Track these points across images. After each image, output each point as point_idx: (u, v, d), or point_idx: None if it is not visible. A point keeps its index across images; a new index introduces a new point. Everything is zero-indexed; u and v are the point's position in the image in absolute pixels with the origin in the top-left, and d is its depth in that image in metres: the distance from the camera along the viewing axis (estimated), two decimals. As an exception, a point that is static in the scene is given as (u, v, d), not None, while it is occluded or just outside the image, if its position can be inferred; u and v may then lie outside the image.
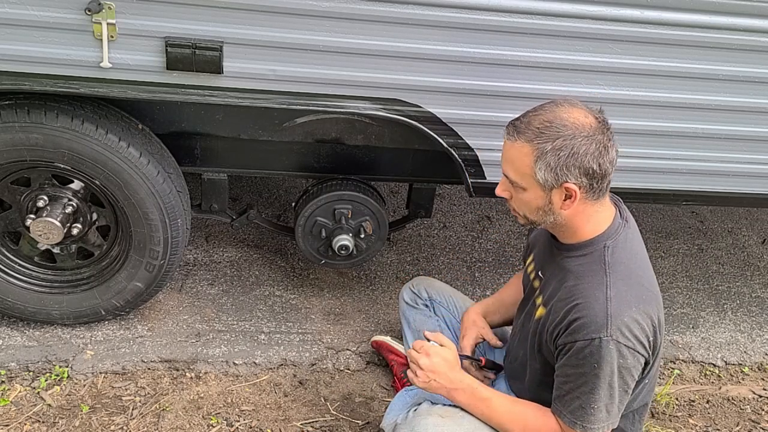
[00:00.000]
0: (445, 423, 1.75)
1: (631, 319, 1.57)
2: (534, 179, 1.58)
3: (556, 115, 1.57)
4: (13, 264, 2.32)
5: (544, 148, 1.54)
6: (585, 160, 1.53)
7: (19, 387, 2.20)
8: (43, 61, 1.83)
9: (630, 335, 1.57)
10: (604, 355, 1.56)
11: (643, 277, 1.66)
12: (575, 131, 1.54)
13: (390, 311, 2.72)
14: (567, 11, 1.93)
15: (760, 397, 2.58)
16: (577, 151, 1.53)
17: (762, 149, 2.30)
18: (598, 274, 1.62)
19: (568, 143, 1.53)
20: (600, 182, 1.58)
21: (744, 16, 2.00)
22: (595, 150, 1.53)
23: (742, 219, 3.78)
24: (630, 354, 1.58)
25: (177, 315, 2.56)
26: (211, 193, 2.41)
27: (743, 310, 3.04)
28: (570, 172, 1.54)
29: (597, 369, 1.57)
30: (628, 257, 1.66)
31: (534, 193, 1.61)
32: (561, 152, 1.53)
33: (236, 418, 2.19)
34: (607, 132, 1.57)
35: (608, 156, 1.56)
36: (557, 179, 1.56)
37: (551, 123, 1.55)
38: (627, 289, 1.60)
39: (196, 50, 1.84)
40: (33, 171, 2.15)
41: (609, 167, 1.57)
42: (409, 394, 2.13)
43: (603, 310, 1.57)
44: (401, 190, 3.53)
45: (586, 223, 1.66)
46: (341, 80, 1.96)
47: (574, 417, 1.63)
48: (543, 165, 1.55)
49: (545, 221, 1.67)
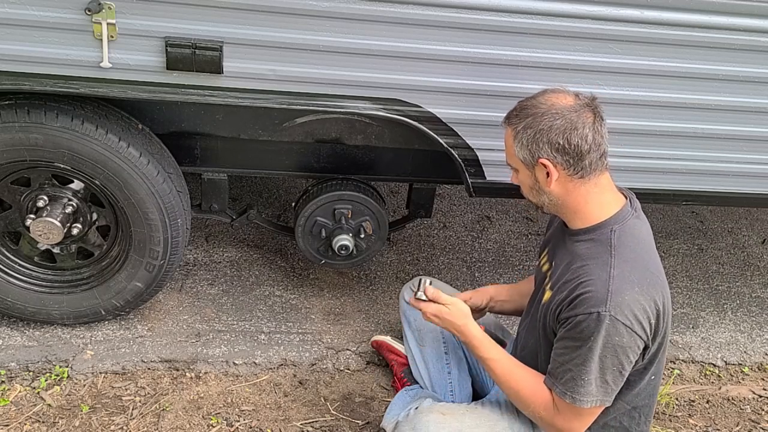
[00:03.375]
0: (447, 420, 1.75)
1: (632, 298, 1.60)
2: (517, 158, 1.71)
3: (536, 100, 1.70)
4: (13, 264, 2.32)
5: (517, 127, 1.68)
6: (551, 135, 1.63)
7: (19, 387, 2.20)
8: (43, 61, 1.83)
9: (629, 314, 1.60)
10: (600, 329, 1.59)
11: (649, 262, 1.69)
12: (546, 110, 1.65)
13: (390, 311, 2.72)
14: (567, 11, 1.93)
15: (760, 397, 2.58)
16: (543, 127, 1.63)
17: (762, 149, 2.30)
18: (603, 256, 1.66)
19: (537, 120, 1.65)
20: (577, 159, 1.65)
21: (744, 16, 2.00)
22: (561, 125, 1.62)
23: (742, 219, 3.78)
24: (627, 333, 1.60)
25: (177, 315, 2.56)
26: (211, 193, 2.41)
27: (743, 310, 3.04)
28: (540, 148, 1.65)
29: (591, 342, 1.60)
30: (635, 243, 1.70)
31: (523, 173, 1.74)
32: (529, 129, 1.65)
33: (236, 418, 2.19)
34: (582, 111, 1.65)
35: (578, 132, 1.62)
36: (532, 156, 1.67)
37: (529, 105, 1.69)
38: (631, 270, 1.63)
39: (196, 50, 1.84)
40: (33, 171, 2.15)
41: (582, 144, 1.63)
42: (410, 394, 2.13)
43: (605, 286, 1.61)
44: (401, 190, 3.53)
45: (586, 204, 1.72)
46: (341, 80, 1.96)
47: (565, 388, 1.66)
48: (518, 144, 1.68)
49: (542, 202, 1.76)
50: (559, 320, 1.69)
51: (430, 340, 2.22)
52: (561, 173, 1.67)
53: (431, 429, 1.74)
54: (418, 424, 1.77)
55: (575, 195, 1.70)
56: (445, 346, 2.21)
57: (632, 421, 1.81)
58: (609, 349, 1.61)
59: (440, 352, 2.19)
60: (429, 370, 2.17)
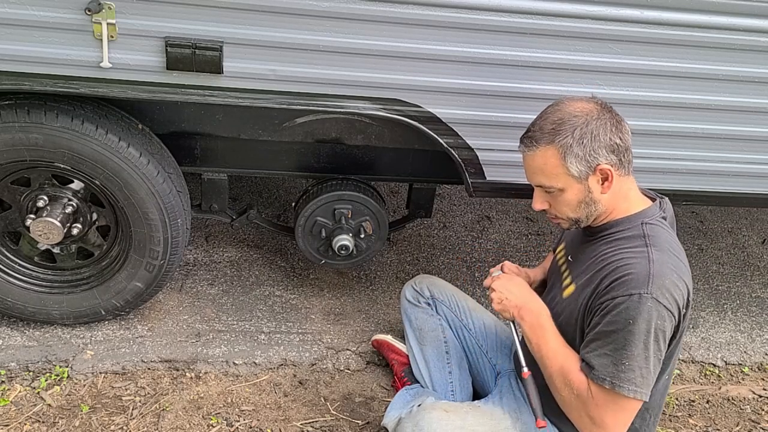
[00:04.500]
0: (449, 417, 1.75)
1: (671, 283, 1.59)
2: (568, 175, 1.66)
3: (563, 112, 1.67)
4: (13, 264, 2.32)
5: (567, 143, 1.64)
6: (607, 138, 1.64)
7: (19, 387, 2.20)
8: (43, 61, 1.83)
9: (669, 297, 1.57)
10: (641, 311, 1.55)
11: (680, 254, 1.70)
12: (587, 118, 1.64)
13: (390, 311, 2.72)
14: (567, 11, 1.93)
15: (760, 397, 2.58)
16: (597, 133, 1.63)
17: (762, 149, 2.30)
18: (639, 245, 1.66)
19: (586, 130, 1.63)
20: (626, 154, 1.67)
21: (744, 16, 2.00)
22: (611, 126, 1.65)
23: (742, 219, 3.78)
24: (668, 316, 1.58)
25: (177, 315, 2.56)
26: (211, 193, 2.42)
27: (743, 310, 3.04)
28: (599, 154, 1.64)
29: (632, 325, 1.56)
30: (666, 236, 1.71)
31: (573, 190, 1.69)
32: (584, 140, 1.63)
33: (236, 418, 2.19)
34: (611, 110, 1.69)
35: (623, 128, 1.67)
36: (590, 165, 1.64)
37: (562, 119, 1.66)
38: (667, 258, 1.63)
39: (196, 50, 1.84)
40: (33, 171, 2.15)
41: (628, 138, 1.68)
42: (410, 393, 2.13)
43: (646, 269, 1.59)
44: (401, 190, 3.53)
45: (622, 201, 1.73)
46: (341, 80, 1.96)
47: (604, 373, 1.59)
48: (572, 158, 1.64)
49: (589, 213, 1.73)
50: (592, 309, 1.66)
51: (431, 339, 2.22)
52: (615, 174, 1.67)
53: (434, 426, 1.74)
54: (420, 420, 1.77)
55: (616, 193, 1.70)
56: (446, 346, 2.21)
57: (643, 422, 1.79)
58: (651, 334, 1.56)
59: (441, 352, 2.19)
60: (430, 369, 2.18)
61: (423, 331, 2.24)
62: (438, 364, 2.17)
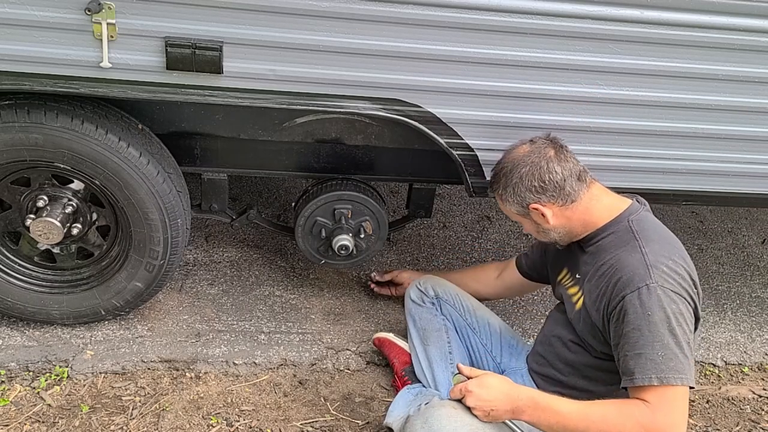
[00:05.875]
0: (459, 414, 1.75)
1: (670, 268, 1.68)
2: (516, 215, 1.93)
3: (501, 164, 1.93)
4: (13, 264, 2.32)
5: (498, 191, 1.93)
6: (525, 183, 1.84)
7: (19, 387, 2.20)
8: (43, 61, 1.83)
9: (673, 281, 1.65)
10: (653, 300, 1.61)
11: (671, 239, 1.81)
12: (511, 167, 1.87)
13: (390, 311, 2.72)
14: (567, 11, 1.93)
15: (760, 397, 2.58)
16: (519, 180, 1.85)
17: (762, 149, 2.30)
18: (629, 242, 1.76)
19: (509, 178, 1.87)
20: (558, 190, 1.83)
21: (744, 16, 2.00)
22: (529, 171, 1.83)
23: (742, 219, 3.78)
24: (678, 299, 1.64)
25: (177, 315, 2.56)
26: (211, 193, 2.41)
27: (743, 310, 3.04)
28: (526, 197, 1.85)
29: (650, 317, 1.60)
30: (654, 225, 1.83)
31: (526, 224, 1.96)
32: (508, 188, 1.88)
33: (236, 418, 2.19)
34: (540, 151, 1.85)
35: (546, 169, 1.82)
36: (523, 206, 1.88)
37: (497, 171, 1.93)
38: (659, 247, 1.74)
39: (196, 50, 1.84)
40: (33, 171, 2.15)
41: (554, 176, 1.82)
42: (412, 392, 2.13)
43: (642, 262, 1.69)
44: (401, 190, 3.53)
45: (590, 215, 1.87)
46: (341, 80, 1.96)
47: (647, 374, 1.58)
48: (507, 202, 1.91)
49: (553, 238, 1.93)
50: (609, 312, 1.70)
51: (435, 339, 2.22)
52: (553, 208, 1.85)
53: (443, 422, 1.74)
54: (430, 417, 1.77)
55: (577, 215, 1.86)
56: (450, 346, 2.21)
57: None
58: (672, 318, 1.60)
59: (445, 352, 2.20)
60: (433, 369, 2.17)
61: (427, 331, 2.24)
62: (442, 364, 2.17)
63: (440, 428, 1.71)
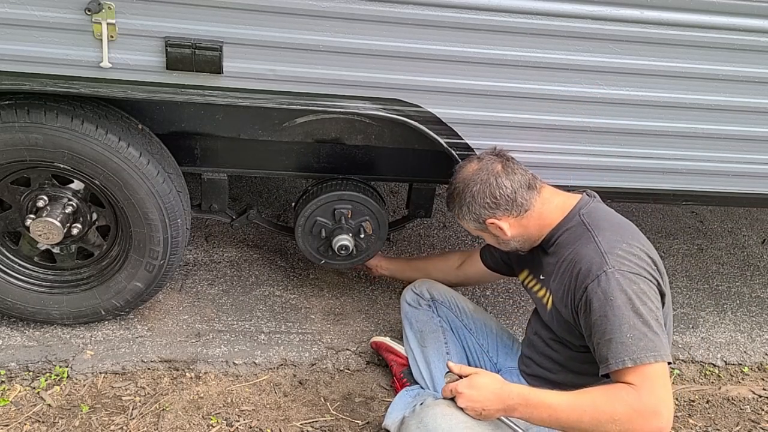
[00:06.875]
0: (454, 412, 1.74)
1: (625, 251, 1.71)
2: (476, 230, 1.98)
3: (452, 185, 1.97)
4: (13, 264, 2.32)
5: (455, 212, 1.97)
6: (478, 201, 1.89)
7: (19, 387, 2.20)
8: (43, 61, 1.83)
9: (629, 262, 1.68)
10: (612, 285, 1.64)
11: (623, 224, 1.84)
12: (462, 187, 1.92)
13: (390, 311, 2.72)
14: (567, 11, 1.93)
15: (760, 397, 2.58)
16: (471, 199, 1.90)
17: (762, 149, 2.30)
18: (583, 235, 1.80)
19: (461, 198, 1.92)
20: (510, 203, 1.87)
21: (744, 16, 2.00)
22: (479, 189, 1.88)
23: (742, 219, 3.78)
24: (638, 278, 1.66)
25: (177, 315, 2.56)
26: (211, 193, 2.41)
27: (743, 310, 3.04)
28: (481, 214, 1.90)
29: (612, 301, 1.63)
30: (605, 214, 1.87)
31: (486, 237, 2.01)
32: (463, 207, 1.92)
33: (236, 418, 2.19)
34: (487, 167, 1.90)
35: (494, 185, 1.87)
36: (480, 222, 1.93)
37: (450, 193, 1.97)
38: (611, 233, 1.77)
39: (196, 50, 1.84)
40: (33, 171, 2.15)
41: (504, 191, 1.87)
42: (410, 394, 2.13)
43: (597, 251, 1.72)
44: (401, 190, 3.53)
45: (544, 218, 1.90)
46: (341, 80, 1.96)
47: (620, 357, 1.59)
48: (466, 222, 1.96)
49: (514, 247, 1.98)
50: (575, 308, 1.73)
51: (432, 340, 2.22)
52: (509, 220, 1.89)
53: (438, 420, 1.73)
54: (425, 417, 1.76)
55: (532, 222, 1.90)
56: (447, 347, 2.21)
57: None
58: (634, 299, 1.63)
59: (442, 353, 2.20)
60: (431, 371, 2.17)
61: (424, 333, 2.24)
62: (439, 365, 2.17)
63: (436, 427, 1.71)
